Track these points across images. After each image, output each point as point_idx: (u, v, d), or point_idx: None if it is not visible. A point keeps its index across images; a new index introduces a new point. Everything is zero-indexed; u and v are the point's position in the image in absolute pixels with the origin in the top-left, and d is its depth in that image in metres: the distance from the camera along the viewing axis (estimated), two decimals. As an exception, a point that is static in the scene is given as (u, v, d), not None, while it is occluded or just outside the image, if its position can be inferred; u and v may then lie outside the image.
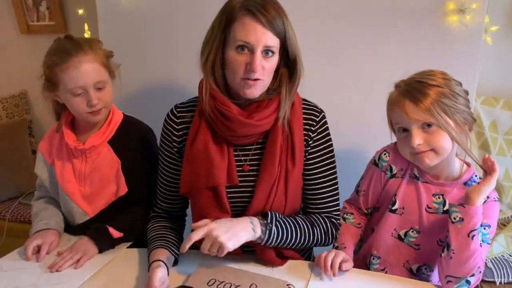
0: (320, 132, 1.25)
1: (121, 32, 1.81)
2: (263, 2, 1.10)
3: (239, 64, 1.11)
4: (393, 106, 1.17)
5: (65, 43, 1.28)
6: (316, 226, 1.23)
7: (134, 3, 1.78)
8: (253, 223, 1.13)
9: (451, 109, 1.11)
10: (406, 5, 1.60)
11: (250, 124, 1.15)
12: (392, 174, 1.28)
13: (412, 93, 1.12)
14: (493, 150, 2.00)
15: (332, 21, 1.66)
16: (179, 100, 1.34)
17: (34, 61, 2.44)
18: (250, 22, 1.09)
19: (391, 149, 1.29)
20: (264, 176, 1.18)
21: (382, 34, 1.65)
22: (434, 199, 1.21)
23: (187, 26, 1.76)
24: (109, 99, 1.32)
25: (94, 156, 1.34)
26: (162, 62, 1.82)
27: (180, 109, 1.26)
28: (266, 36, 1.09)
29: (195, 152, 1.18)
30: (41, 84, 1.31)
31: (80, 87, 1.25)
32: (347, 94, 1.71)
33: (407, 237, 1.24)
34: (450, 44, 1.60)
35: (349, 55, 1.68)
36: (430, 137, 1.12)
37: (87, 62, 1.24)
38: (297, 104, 1.23)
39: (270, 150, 1.19)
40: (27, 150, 2.43)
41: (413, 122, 1.12)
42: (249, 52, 1.10)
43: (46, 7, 2.35)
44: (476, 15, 1.56)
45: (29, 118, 2.53)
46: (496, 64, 1.95)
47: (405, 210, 1.24)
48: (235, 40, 1.10)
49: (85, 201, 1.35)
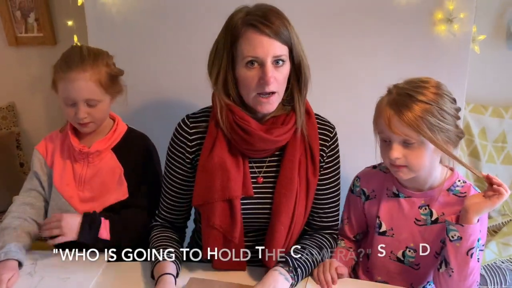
0: (333, 148, 1.25)
1: (111, 43, 1.79)
2: (264, 13, 1.10)
3: (251, 80, 1.11)
4: (380, 115, 1.15)
5: (74, 52, 1.30)
6: (324, 249, 1.24)
7: (124, 15, 1.77)
8: (282, 273, 1.12)
9: (435, 127, 1.08)
10: (395, 14, 1.61)
11: (269, 140, 1.16)
12: (366, 197, 1.29)
13: (398, 105, 1.09)
14: (482, 158, 2.01)
15: (322, 30, 1.67)
16: (168, 111, 1.35)
17: (22, 73, 2.45)
18: (254, 36, 1.08)
19: (362, 173, 1.31)
20: (280, 189, 1.18)
21: (371, 44, 1.66)
22: (421, 211, 1.20)
23: (177, 37, 1.76)
24: (99, 116, 1.32)
25: (97, 161, 1.34)
26: (152, 73, 1.81)
27: (193, 119, 1.25)
28: (273, 46, 1.09)
29: (211, 164, 1.17)
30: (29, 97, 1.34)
31: (71, 99, 1.27)
32: (336, 101, 1.72)
33: (406, 258, 1.23)
34: (438, 53, 1.62)
35: (338, 63, 1.70)
36: (409, 153, 1.11)
37: (81, 80, 1.25)
38: (312, 116, 1.23)
39: (288, 164, 1.18)
40: (15, 163, 2.39)
41: (395, 136, 1.11)
42: (259, 66, 1.10)
43: (34, 18, 2.32)
44: (464, 24, 1.58)
45: (17, 130, 2.49)
46: (484, 73, 1.97)
47: (394, 230, 1.23)
48: (243, 56, 1.10)
49: (83, 206, 1.33)
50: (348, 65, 1.69)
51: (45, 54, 2.38)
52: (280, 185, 1.19)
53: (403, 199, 1.22)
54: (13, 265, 1.20)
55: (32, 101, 2.49)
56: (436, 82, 1.14)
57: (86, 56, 1.28)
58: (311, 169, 1.21)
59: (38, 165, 1.39)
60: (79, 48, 1.32)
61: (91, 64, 1.27)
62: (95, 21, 1.79)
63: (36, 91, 2.47)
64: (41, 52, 2.39)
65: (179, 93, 1.80)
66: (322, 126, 1.25)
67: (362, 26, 1.65)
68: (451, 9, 1.56)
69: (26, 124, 2.55)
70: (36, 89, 2.47)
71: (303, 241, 1.24)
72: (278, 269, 1.13)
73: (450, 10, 1.56)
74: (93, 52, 1.31)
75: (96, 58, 1.30)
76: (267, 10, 1.12)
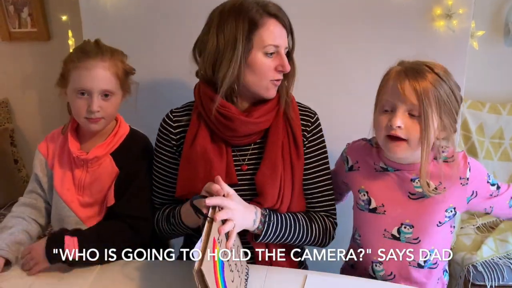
0: (315, 133, 1.27)
1: (106, 38, 1.76)
2: (276, 6, 1.16)
3: (269, 68, 1.16)
4: (388, 80, 1.12)
5: (89, 45, 1.28)
6: (314, 222, 1.25)
7: (119, 9, 1.75)
8: (257, 214, 1.13)
9: (444, 105, 1.07)
10: (393, 10, 1.60)
11: (250, 122, 1.18)
12: (349, 167, 1.28)
13: (413, 72, 1.08)
14: (480, 154, 2.01)
15: (320, 26, 1.66)
16: (164, 105, 1.34)
17: (16, 69, 2.43)
18: (276, 25, 1.15)
19: (351, 143, 1.32)
20: (264, 170, 1.19)
21: (369, 39, 1.65)
22: (414, 183, 1.17)
23: (172, 32, 1.75)
24: (111, 112, 1.29)
25: (96, 167, 1.31)
26: (147, 68, 1.79)
27: (176, 113, 1.27)
28: (286, 37, 1.18)
29: (194, 154, 1.19)
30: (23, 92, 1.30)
31: (86, 90, 1.23)
32: (333, 97, 1.71)
33: (401, 234, 1.20)
34: (437, 49, 1.61)
35: (336, 58, 1.68)
36: (411, 125, 1.08)
37: (101, 68, 1.23)
38: (294, 103, 1.26)
39: (272, 146, 1.21)
40: (9, 160, 2.37)
41: (402, 103, 1.08)
42: (275, 54, 1.16)
43: (28, 13, 2.30)
44: (462, 20, 1.57)
45: (10, 127, 2.47)
46: (482, 69, 1.97)
47: (386, 206, 1.20)
48: (263, 44, 1.13)
49: (84, 210, 1.32)
50: (344, 60, 1.68)
51: (39, 49, 2.36)
52: (264, 167, 1.20)
53: (393, 173, 1.19)
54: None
55: (26, 97, 2.47)
56: (445, 67, 1.13)
57: (104, 47, 1.27)
58: (294, 152, 1.22)
59: (38, 166, 1.37)
60: (95, 41, 1.30)
61: (110, 55, 1.26)
62: (90, 16, 1.77)
63: (30, 87, 2.45)
64: (35, 48, 2.37)
65: (175, 88, 1.79)
66: (303, 112, 1.28)
67: (359, 22, 1.64)
68: (449, 5, 1.55)
69: (20, 120, 2.53)
70: (30, 85, 2.44)
71: (294, 212, 1.25)
72: (256, 209, 1.14)
73: (449, 5, 1.55)
74: (109, 47, 1.30)
75: (114, 51, 1.29)
76: (276, 3, 1.17)
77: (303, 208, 1.28)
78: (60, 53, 2.16)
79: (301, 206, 1.27)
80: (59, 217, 1.34)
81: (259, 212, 1.14)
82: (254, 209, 1.14)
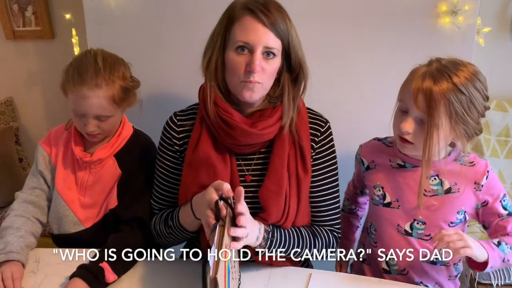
0: (325, 143, 1.21)
1: (109, 37, 1.78)
2: (265, 2, 1.07)
3: (239, 66, 1.07)
4: (409, 82, 1.10)
5: (88, 63, 1.22)
6: (318, 238, 1.21)
7: (122, 7, 1.75)
8: (260, 230, 1.10)
9: (459, 117, 1.06)
10: (399, 7, 1.59)
11: (253, 133, 1.11)
12: (366, 167, 1.28)
13: (433, 79, 1.05)
14: (486, 152, 1.99)
15: (326, 24, 1.65)
16: (168, 105, 1.32)
17: (20, 67, 2.43)
18: (250, 21, 1.06)
19: (364, 143, 1.32)
20: (269, 185, 1.14)
21: (375, 36, 1.64)
22: (430, 181, 1.18)
23: (176, 31, 1.74)
24: (108, 128, 1.28)
25: (99, 168, 1.31)
26: (151, 67, 1.79)
27: (180, 117, 1.23)
28: (267, 36, 1.06)
29: (197, 160, 1.14)
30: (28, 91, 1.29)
31: (80, 113, 1.23)
32: (340, 95, 1.71)
33: (414, 230, 1.21)
34: (443, 46, 1.59)
35: (342, 56, 1.67)
36: (420, 132, 1.09)
37: (94, 98, 1.20)
38: (303, 112, 1.20)
39: (277, 159, 1.14)
40: (14, 158, 2.37)
41: (414, 110, 1.08)
42: (248, 52, 1.07)
43: (32, 12, 2.30)
44: (468, 16, 1.56)
45: (15, 125, 2.47)
46: (488, 66, 1.93)
47: (400, 201, 1.21)
48: (234, 40, 1.07)
49: (83, 211, 1.31)
50: (350, 58, 1.67)
51: (43, 48, 2.36)
52: (269, 182, 1.14)
53: (410, 170, 1.20)
54: (16, 266, 1.16)
55: (31, 95, 2.47)
56: (476, 73, 1.09)
57: (101, 68, 1.21)
58: (301, 166, 1.16)
59: (43, 162, 1.35)
60: (94, 57, 1.24)
61: (106, 78, 1.21)
62: (94, 14, 1.77)
63: (34, 85, 2.45)
64: (39, 46, 2.36)
65: (179, 87, 1.78)
66: (313, 121, 1.21)
67: (365, 19, 1.63)
68: (455, 1, 1.54)
69: (24, 119, 2.53)
70: (34, 84, 2.45)
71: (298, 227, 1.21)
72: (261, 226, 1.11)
73: (455, 2, 1.54)
74: (109, 62, 1.24)
75: (112, 70, 1.23)
76: (271, 2, 1.09)
77: (308, 222, 1.23)
78: (64, 51, 2.17)
79: (307, 221, 1.23)
80: (58, 215, 1.33)
81: (262, 228, 1.11)
82: (258, 225, 1.10)
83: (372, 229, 1.29)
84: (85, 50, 1.30)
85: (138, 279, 1.18)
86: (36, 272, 1.20)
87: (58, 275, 1.18)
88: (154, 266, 1.23)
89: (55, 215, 1.34)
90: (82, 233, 1.31)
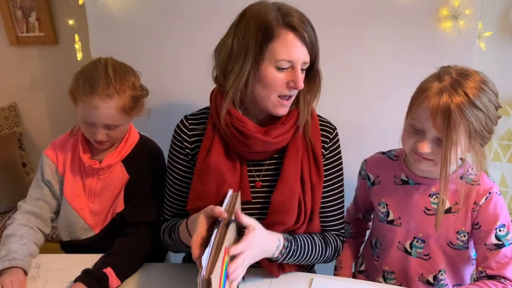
0: (333, 150, 1.22)
1: (112, 42, 1.79)
2: (301, 17, 1.07)
3: (280, 82, 1.07)
4: (424, 102, 1.03)
5: (98, 74, 1.22)
6: (329, 245, 1.22)
7: (125, 13, 1.76)
8: (278, 247, 1.09)
9: (477, 134, 1.03)
10: (400, 11, 1.59)
11: (267, 142, 1.12)
12: (371, 182, 1.27)
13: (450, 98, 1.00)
14: (488, 156, 1.99)
15: (327, 26, 1.64)
16: (171, 110, 1.33)
17: (24, 73, 2.45)
18: (293, 39, 1.05)
19: (369, 158, 1.30)
20: (283, 190, 1.13)
21: (375, 41, 1.65)
22: (432, 199, 1.16)
23: (179, 36, 1.75)
24: (117, 136, 1.29)
25: (107, 174, 1.32)
26: (154, 73, 1.79)
27: (192, 121, 1.22)
28: (304, 53, 1.07)
29: (207, 167, 1.13)
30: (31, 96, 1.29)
31: (91, 122, 1.24)
32: (341, 97, 1.71)
33: (413, 248, 1.20)
34: (444, 50, 1.60)
35: (344, 59, 1.68)
36: (438, 150, 1.05)
37: (106, 108, 1.21)
38: (315, 118, 1.21)
39: (291, 165, 1.14)
40: (17, 163, 2.38)
41: (433, 131, 1.03)
42: (290, 68, 1.07)
43: (35, 18, 2.32)
44: (469, 21, 1.56)
45: (19, 130, 2.48)
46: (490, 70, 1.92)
47: (402, 219, 1.20)
48: (276, 58, 1.05)
49: (93, 217, 1.32)
50: (351, 62, 1.68)
51: (46, 53, 2.38)
52: (282, 185, 1.13)
53: (412, 187, 1.18)
54: (19, 273, 1.15)
55: (34, 101, 2.48)
56: (487, 83, 1.06)
57: (112, 79, 1.21)
58: (314, 171, 1.17)
59: (49, 173, 1.34)
60: (104, 67, 1.23)
61: (117, 88, 1.21)
62: (96, 20, 1.78)
63: (37, 90, 2.46)
64: (42, 52, 2.38)
65: (181, 92, 1.79)
66: (322, 127, 1.22)
67: (366, 23, 1.63)
68: (456, 6, 1.54)
69: (28, 124, 2.54)
70: (38, 89, 2.46)
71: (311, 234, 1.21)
72: (280, 239, 1.10)
73: (456, 6, 1.54)
74: (119, 72, 1.24)
75: (123, 81, 1.23)
76: (301, 14, 1.08)
77: (319, 228, 1.23)
78: (67, 57, 2.19)
79: (318, 227, 1.23)
80: (68, 223, 1.34)
81: (281, 244, 1.10)
82: (276, 242, 1.09)
83: (378, 243, 1.29)
84: (94, 60, 1.29)
85: (141, 283, 1.18)
86: (37, 277, 1.20)
87: (58, 280, 1.18)
88: (157, 269, 1.24)
89: (64, 223, 1.35)
90: (92, 239, 1.32)
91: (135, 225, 1.27)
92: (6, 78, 2.47)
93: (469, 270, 1.22)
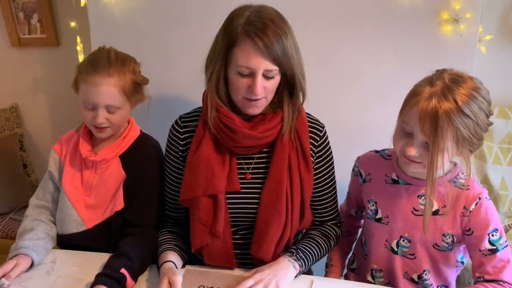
0: (324, 146, 1.28)
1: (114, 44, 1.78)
2: (263, 25, 1.08)
3: (241, 86, 1.13)
4: (414, 106, 1.04)
5: (101, 55, 1.28)
6: (331, 238, 1.30)
7: (127, 15, 1.77)
8: (290, 261, 1.16)
9: (465, 140, 1.03)
10: (401, 14, 1.60)
11: (253, 136, 1.17)
12: (363, 179, 1.29)
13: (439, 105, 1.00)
14: (488, 159, 1.99)
15: (327, 28, 1.66)
16: (171, 110, 1.34)
17: (25, 74, 2.46)
18: (250, 48, 1.08)
19: (362, 155, 1.31)
20: (270, 185, 1.19)
21: (375, 44, 1.65)
22: (420, 200, 1.16)
23: (180, 37, 1.76)
24: (117, 122, 1.30)
25: (104, 168, 1.33)
26: (155, 73, 1.79)
27: (184, 119, 1.28)
28: (266, 62, 1.09)
29: (197, 160, 1.19)
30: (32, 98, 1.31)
31: (91, 103, 1.26)
32: (342, 99, 1.71)
33: (399, 248, 1.21)
34: (445, 53, 1.60)
35: (344, 61, 1.68)
36: (426, 153, 1.06)
37: (106, 85, 1.24)
38: (303, 115, 1.25)
39: (278, 159, 1.20)
40: (18, 164, 2.39)
41: (421, 136, 1.04)
42: (250, 75, 1.11)
43: (37, 19, 2.33)
44: (470, 24, 1.56)
45: (20, 132, 2.49)
46: (490, 73, 1.94)
47: (390, 218, 1.20)
48: (236, 64, 1.11)
49: (87, 211, 1.32)
50: (352, 65, 1.68)
51: (48, 55, 2.39)
52: (270, 181, 1.20)
53: (402, 186, 1.18)
54: (20, 258, 1.18)
55: (35, 102, 2.49)
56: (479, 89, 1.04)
57: (113, 60, 1.26)
58: (303, 165, 1.22)
59: (53, 164, 1.38)
60: (107, 51, 1.29)
61: (118, 69, 1.25)
62: (98, 22, 1.79)
63: (39, 92, 2.47)
64: (44, 53, 2.39)
65: (183, 92, 1.80)
66: (311, 125, 1.26)
67: (366, 26, 1.63)
68: (457, 9, 1.55)
69: (29, 125, 2.55)
70: (39, 90, 2.47)
71: (310, 232, 1.30)
72: (286, 257, 1.16)
73: (456, 10, 1.55)
74: (121, 57, 1.29)
75: (124, 64, 1.28)
76: (268, 21, 1.09)
77: (311, 219, 1.31)
78: (68, 58, 2.19)
79: (310, 220, 1.31)
80: (61, 215, 1.35)
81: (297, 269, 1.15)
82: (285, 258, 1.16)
83: (367, 241, 1.30)
84: (98, 47, 1.34)
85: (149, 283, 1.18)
86: (50, 273, 1.21)
87: (70, 277, 1.19)
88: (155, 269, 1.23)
89: (59, 214, 1.36)
90: (83, 234, 1.32)
91: (139, 226, 1.28)
92: (7, 79, 2.48)
93: (453, 272, 1.24)
